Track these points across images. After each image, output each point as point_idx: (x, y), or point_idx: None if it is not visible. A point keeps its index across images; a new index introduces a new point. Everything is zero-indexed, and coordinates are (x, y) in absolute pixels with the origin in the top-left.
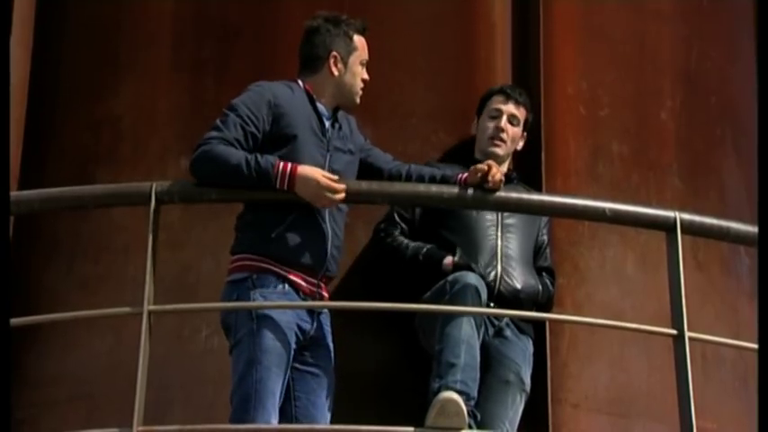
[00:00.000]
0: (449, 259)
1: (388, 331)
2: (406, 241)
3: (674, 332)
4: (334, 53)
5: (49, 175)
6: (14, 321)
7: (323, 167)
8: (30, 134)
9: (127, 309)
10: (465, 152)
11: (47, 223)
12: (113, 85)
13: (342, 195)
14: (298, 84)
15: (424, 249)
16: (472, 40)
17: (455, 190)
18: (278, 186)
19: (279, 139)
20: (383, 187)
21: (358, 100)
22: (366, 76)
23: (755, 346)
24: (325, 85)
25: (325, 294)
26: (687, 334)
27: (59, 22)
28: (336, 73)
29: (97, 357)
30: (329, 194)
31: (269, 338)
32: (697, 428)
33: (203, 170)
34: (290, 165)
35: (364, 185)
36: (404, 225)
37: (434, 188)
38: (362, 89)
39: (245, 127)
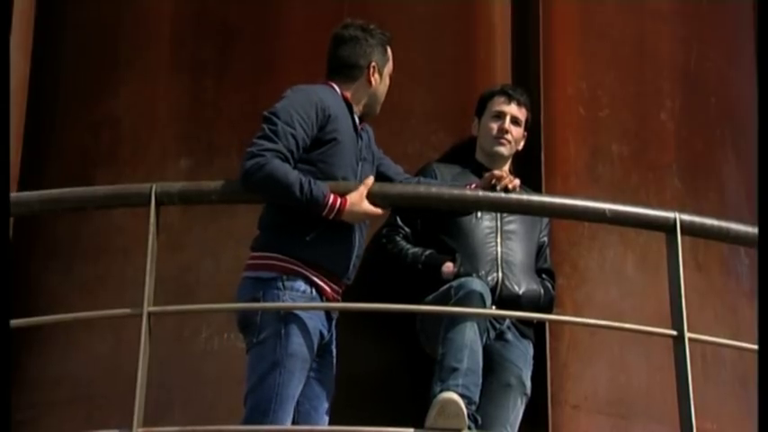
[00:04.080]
0: (448, 266)
1: (389, 334)
2: (406, 247)
3: (674, 333)
4: (373, 63)
5: (48, 176)
6: (14, 322)
7: (355, 176)
8: (30, 135)
9: (127, 310)
10: (465, 153)
11: (47, 224)
12: (113, 86)
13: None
14: (334, 89)
15: (423, 256)
16: (472, 41)
17: (455, 191)
18: (324, 215)
19: (323, 142)
20: (384, 189)
21: (378, 110)
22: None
23: (755, 346)
24: (361, 94)
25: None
26: (687, 335)
27: (59, 22)
28: (373, 83)
29: (97, 358)
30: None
31: (296, 342)
32: (697, 429)
33: (257, 183)
34: (339, 199)
35: None
36: (406, 229)
37: (434, 189)
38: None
39: (296, 134)
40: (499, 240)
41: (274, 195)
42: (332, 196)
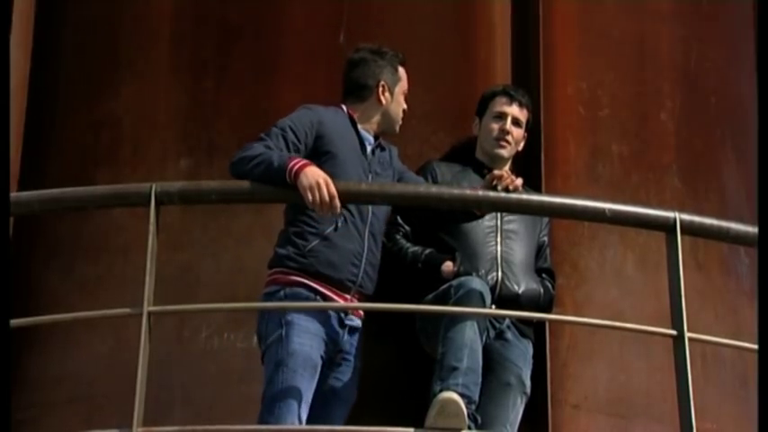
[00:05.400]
0: (448, 266)
1: (389, 333)
2: (406, 245)
3: (674, 333)
4: (383, 83)
5: (49, 176)
6: (14, 322)
7: (365, 177)
8: (30, 134)
9: (127, 309)
10: (465, 152)
11: (47, 224)
12: (113, 86)
13: (333, 202)
14: (342, 109)
15: (423, 255)
16: (472, 41)
17: (455, 191)
18: (287, 178)
19: (319, 155)
20: (383, 188)
21: (398, 128)
22: (405, 106)
23: (755, 346)
24: (372, 113)
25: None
26: (687, 334)
27: (59, 21)
28: (384, 102)
29: (97, 358)
30: (322, 193)
31: (295, 342)
32: (697, 429)
33: (237, 160)
34: (304, 160)
35: (364, 186)
36: (406, 227)
37: (434, 189)
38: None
39: (287, 136)
40: (499, 240)
41: (250, 163)
42: (300, 158)
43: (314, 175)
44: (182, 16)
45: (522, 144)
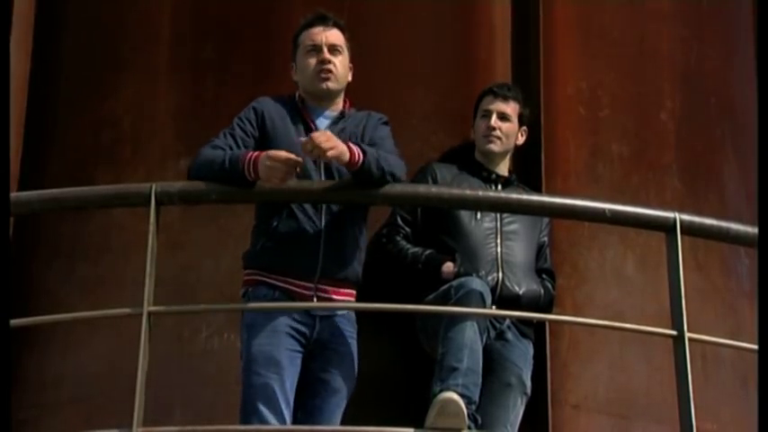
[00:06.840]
0: (448, 266)
1: (389, 333)
2: (406, 246)
3: (674, 333)
4: (291, 64)
5: (49, 176)
6: (15, 322)
7: (316, 169)
8: (30, 134)
9: (127, 310)
10: (465, 153)
11: (47, 224)
12: (113, 85)
13: (289, 160)
14: (296, 94)
15: (424, 256)
16: (472, 42)
17: (455, 191)
18: (249, 177)
19: (267, 139)
20: (383, 188)
21: (324, 85)
22: (322, 57)
23: (755, 346)
24: (300, 89)
25: (336, 298)
26: (687, 335)
27: (59, 22)
28: (293, 75)
29: (97, 358)
30: (280, 158)
31: (256, 344)
32: (697, 429)
33: (192, 172)
34: (255, 152)
35: None
36: (407, 229)
37: (434, 189)
38: (327, 73)
39: (234, 133)
40: (499, 241)
41: (208, 174)
42: (252, 152)
43: (265, 160)
44: (182, 16)
45: (521, 138)
